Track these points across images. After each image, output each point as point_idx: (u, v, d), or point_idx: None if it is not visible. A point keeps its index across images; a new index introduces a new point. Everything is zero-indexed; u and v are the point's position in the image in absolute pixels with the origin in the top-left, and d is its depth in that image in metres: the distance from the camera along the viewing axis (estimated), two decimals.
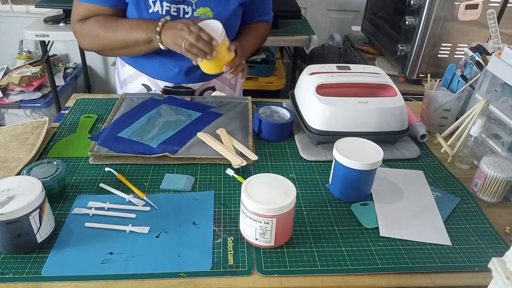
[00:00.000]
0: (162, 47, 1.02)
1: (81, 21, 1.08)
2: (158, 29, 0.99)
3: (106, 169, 0.89)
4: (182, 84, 1.22)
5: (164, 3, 1.05)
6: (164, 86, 1.21)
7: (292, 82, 2.41)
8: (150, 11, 1.05)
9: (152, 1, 1.04)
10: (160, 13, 1.05)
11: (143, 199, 0.82)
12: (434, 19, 1.57)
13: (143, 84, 1.23)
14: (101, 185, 0.85)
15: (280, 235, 0.72)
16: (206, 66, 1.03)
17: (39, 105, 2.39)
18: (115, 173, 0.88)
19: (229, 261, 0.70)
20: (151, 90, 1.23)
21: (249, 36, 1.22)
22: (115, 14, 1.08)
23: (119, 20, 1.06)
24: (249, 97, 1.19)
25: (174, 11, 1.07)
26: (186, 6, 1.07)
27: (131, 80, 1.25)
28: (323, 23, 2.91)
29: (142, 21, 1.04)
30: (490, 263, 0.51)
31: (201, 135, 0.98)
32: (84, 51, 2.77)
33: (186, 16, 1.08)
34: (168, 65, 1.17)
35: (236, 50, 1.03)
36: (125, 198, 0.82)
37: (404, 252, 0.74)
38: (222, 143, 0.97)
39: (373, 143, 0.85)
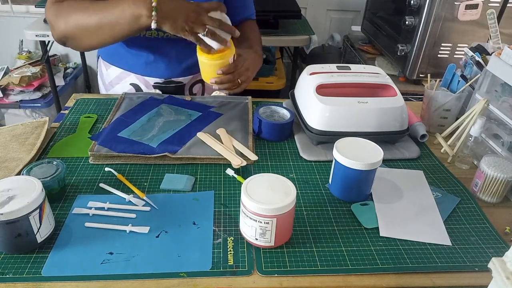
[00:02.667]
0: (154, 26, 0.87)
1: (55, 4, 0.95)
2: (154, 4, 0.85)
3: (106, 169, 0.89)
4: (172, 79, 1.21)
5: None
6: (154, 83, 1.20)
7: (292, 82, 2.41)
8: None
9: None
10: None
11: (143, 199, 0.82)
12: (434, 19, 1.57)
13: (131, 84, 1.22)
14: (101, 185, 0.85)
15: (280, 235, 0.72)
16: (205, 76, 1.03)
17: (39, 105, 2.39)
18: (115, 173, 0.88)
19: (229, 261, 0.70)
20: (140, 89, 1.22)
21: (254, 39, 1.19)
22: None
23: (99, 2, 0.92)
24: (249, 97, 1.19)
25: None
26: None
27: (117, 81, 1.23)
28: (323, 23, 2.92)
29: None
30: (490, 263, 0.51)
31: (201, 135, 0.98)
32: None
33: None
34: (155, 60, 1.15)
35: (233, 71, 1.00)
36: (125, 198, 0.82)
37: (404, 252, 0.74)
38: (222, 143, 0.97)
39: (373, 143, 0.85)
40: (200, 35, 0.91)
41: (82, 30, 0.93)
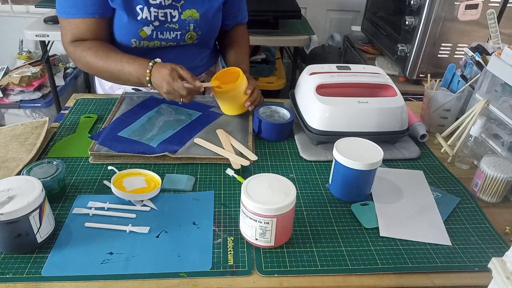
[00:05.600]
0: (153, 90, 1.04)
1: (73, 43, 1.06)
2: (147, 78, 1.00)
3: (109, 167, 0.89)
4: None
5: (152, 9, 1.04)
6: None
7: (292, 82, 2.41)
8: (139, 18, 1.04)
9: (140, 8, 1.03)
10: (149, 19, 1.04)
11: (142, 200, 0.82)
12: (434, 19, 1.57)
13: (133, 88, 1.22)
14: (105, 182, 0.85)
15: (280, 235, 0.72)
16: (230, 110, 1.09)
17: (39, 105, 2.39)
18: (117, 171, 0.88)
19: (229, 261, 0.70)
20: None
21: (242, 52, 1.24)
22: (104, 24, 1.06)
23: (110, 52, 1.04)
24: None
25: (161, 16, 1.06)
26: (172, 10, 1.07)
27: (119, 86, 1.23)
28: (323, 23, 2.91)
29: (132, 60, 1.02)
30: (490, 263, 0.51)
31: (198, 140, 0.97)
32: None
33: (174, 20, 1.07)
34: None
35: (253, 90, 1.07)
36: (125, 198, 0.82)
37: (404, 252, 0.74)
38: (221, 143, 0.97)
39: (373, 143, 0.85)
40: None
41: (98, 74, 1.10)
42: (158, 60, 1.01)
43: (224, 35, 1.27)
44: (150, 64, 1.00)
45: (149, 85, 1.01)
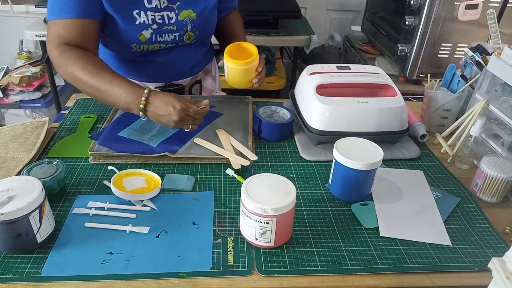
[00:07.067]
0: (144, 119, 0.93)
1: (60, 47, 0.96)
2: (141, 106, 0.90)
3: (109, 167, 0.89)
4: (173, 82, 1.21)
5: (149, 13, 1.03)
6: (155, 87, 1.20)
7: (292, 82, 2.41)
8: (137, 22, 1.02)
9: (137, 13, 1.02)
10: (147, 23, 1.03)
11: (142, 200, 0.82)
12: (434, 19, 1.57)
13: None
14: (105, 182, 0.85)
15: (280, 235, 0.72)
16: (237, 83, 1.07)
17: (39, 105, 2.39)
18: (117, 171, 0.88)
19: (229, 261, 0.70)
20: None
21: (241, 32, 1.25)
22: (94, 27, 1.00)
23: (101, 69, 0.95)
24: (249, 97, 1.19)
25: (159, 19, 1.05)
26: (169, 12, 1.06)
27: None
28: (323, 23, 2.91)
29: (124, 83, 0.93)
30: (490, 263, 0.51)
31: (198, 140, 0.97)
32: None
33: (171, 21, 1.07)
34: (156, 68, 1.15)
35: (262, 69, 1.06)
36: (125, 198, 0.82)
37: (404, 252, 0.74)
38: (221, 143, 0.97)
39: (373, 143, 0.85)
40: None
41: (80, 88, 0.97)
42: (152, 87, 0.94)
43: (218, 23, 1.26)
44: (146, 91, 0.90)
45: (140, 113, 0.91)
